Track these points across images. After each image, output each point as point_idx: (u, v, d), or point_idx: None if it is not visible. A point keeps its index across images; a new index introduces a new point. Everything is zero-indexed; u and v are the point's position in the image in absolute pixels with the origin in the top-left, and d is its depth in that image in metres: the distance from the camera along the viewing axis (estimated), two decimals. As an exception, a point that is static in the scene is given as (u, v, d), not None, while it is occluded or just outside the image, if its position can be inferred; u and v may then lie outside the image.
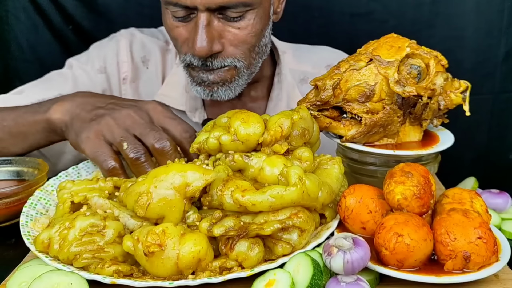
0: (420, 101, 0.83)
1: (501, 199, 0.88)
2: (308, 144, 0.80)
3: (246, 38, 1.02)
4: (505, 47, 1.52)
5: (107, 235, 0.68)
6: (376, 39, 0.87)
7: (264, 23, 1.06)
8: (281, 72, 1.23)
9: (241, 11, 0.99)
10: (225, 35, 1.01)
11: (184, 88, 1.21)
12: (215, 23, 0.99)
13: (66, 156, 1.18)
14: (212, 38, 0.99)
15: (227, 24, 1.00)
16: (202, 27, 0.97)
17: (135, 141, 0.83)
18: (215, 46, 1.00)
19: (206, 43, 0.97)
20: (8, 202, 0.86)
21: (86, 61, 1.23)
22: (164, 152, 0.82)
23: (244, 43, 1.03)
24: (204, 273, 0.65)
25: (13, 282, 0.65)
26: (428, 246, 0.66)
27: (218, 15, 0.99)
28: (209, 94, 1.07)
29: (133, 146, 0.82)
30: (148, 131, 0.83)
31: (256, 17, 1.02)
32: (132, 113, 0.85)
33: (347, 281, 0.62)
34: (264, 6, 1.04)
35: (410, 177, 0.71)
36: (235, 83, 1.07)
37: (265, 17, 1.06)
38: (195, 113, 1.22)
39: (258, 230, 0.66)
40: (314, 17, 1.53)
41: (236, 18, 1.00)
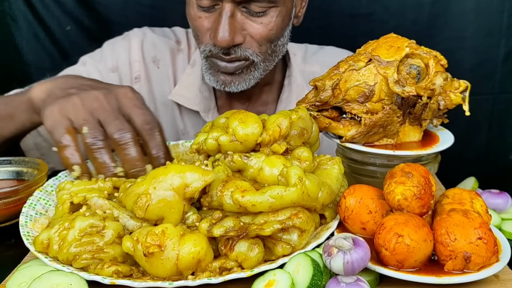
0: (419, 101, 0.83)
1: (501, 199, 0.88)
2: (308, 144, 0.80)
3: (267, 34, 1.04)
4: (505, 48, 1.52)
5: (107, 235, 0.68)
6: (375, 39, 0.87)
7: (285, 23, 1.08)
8: (291, 75, 1.25)
9: (265, 6, 1.01)
10: (247, 28, 1.03)
11: (198, 89, 1.22)
12: (238, 16, 1.01)
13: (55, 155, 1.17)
14: (235, 29, 1.01)
15: (250, 18, 1.02)
16: (226, 18, 0.99)
17: (97, 127, 0.82)
18: (236, 37, 1.02)
19: (228, 34, 0.99)
20: (8, 202, 0.86)
21: (99, 59, 1.25)
22: (121, 143, 0.81)
23: (264, 39, 1.04)
24: (204, 274, 0.65)
25: (12, 282, 0.65)
26: (428, 247, 0.66)
27: (242, 9, 1.01)
28: (221, 85, 1.09)
29: (92, 132, 0.81)
30: (112, 120, 0.82)
31: (278, 15, 1.04)
32: (101, 96, 0.84)
33: (347, 281, 0.62)
34: (287, 6, 1.06)
35: (410, 177, 0.71)
36: (250, 74, 1.08)
37: (287, 17, 1.08)
38: (208, 114, 1.23)
39: (258, 231, 0.66)
40: (314, 17, 1.53)
41: (259, 13, 1.02)
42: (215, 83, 1.09)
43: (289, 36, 1.14)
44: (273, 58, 1.12)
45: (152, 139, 0.84)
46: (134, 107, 0.85)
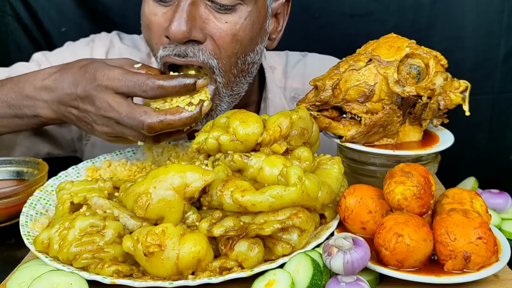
0: (419, 101, 0.83)
1: (501, 199, 0.88)
2: (308, 144, 0.80)
3: (231, 38, 0.88)
4: (505, 48, 1.52)
5: (107, 235, 0.68)
6: (376, 39, 0.87)
7: (255, 31, 0.92)
8: (267, 97, 1.13)
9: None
10: (209, 25, 0.87)
11: None
12: (201, 8, 0.86)
13: (19, 148, 1.13)
14: (194, 21, 0.85)
15: (215, 13, 0.87)
16: (185, 5, 0.84)
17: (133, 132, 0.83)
18: (195, 31, 0.85)
19: (185, 24, 0.83)
20: (8, 202, 0.86)
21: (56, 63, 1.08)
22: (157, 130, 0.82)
23: (228, 45, 0.88)
24: (204, 273, 0.65)
25: (13, 282, 0.65)
26: (428, 246, 0.66)
27: (207, 1, 0.87)
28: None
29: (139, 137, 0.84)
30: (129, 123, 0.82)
31: (248, 17, 0.89)
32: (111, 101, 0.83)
33: (347, 281, 0.62)
34: (259, 11, 0.92)
35: (410, 177, 0.71)
36: (217, 110, 0.93)
37: (258, 25, 0.93)
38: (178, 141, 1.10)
39: (258, 230, 0.66)
40: (314, 17, 1.53)
41: (226, 8, 0.87)
42: None
43: (260, 55, 0.98)
44: (240, 78, 0.95)
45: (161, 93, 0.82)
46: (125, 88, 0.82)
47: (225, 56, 0.89)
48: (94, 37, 1.21)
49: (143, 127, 0.81)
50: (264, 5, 0.94)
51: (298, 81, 1.20)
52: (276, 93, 1.15)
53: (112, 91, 0.82)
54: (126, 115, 0.82)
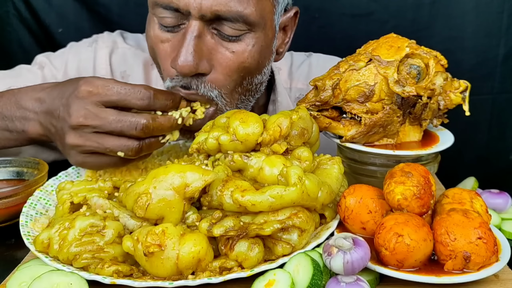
0: (419, 101, 0.83)
1: (501, 199, 0.88)
2: (308, 144, 0.80)
3: (238, 66, 0.87)
4: (505, 48, 1.53)
5: (107, 235, 0.68)
6: (376, 39, 0.87)
7: (263, 56, 0.90)
8: (277, 99, 1.12)
9: (239, 29, 0.85)
10: (215, 56, 0.86)
11: None
12: (207, 38, 0.85)
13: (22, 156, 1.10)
14: (201, 53, 0.84)
15: (221, 43, 0.86)
16: (191, 38, 0.83)
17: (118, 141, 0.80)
18: (202, 64, 0.85)
19: (192, 58, 0.82)
20: (8, 202, 0.86)
21: (59, 65, 1.13)
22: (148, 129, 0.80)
23: (235, 72, 0.87)
24: (204, 273, 0.65)
25: (13, 282, 0.65)
26: (428, 246, 0.66)
27: (212, 30, 0.85)
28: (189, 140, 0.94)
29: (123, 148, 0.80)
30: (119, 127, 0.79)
31: (256, 44, 0.87)
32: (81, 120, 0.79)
33: (347, 281, 0.62)
34: (267, 35, 0.89)
35: (410, 177, 0.71)
36: None
37: (266, 49, 0.91)
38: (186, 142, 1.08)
39: (258, 230, 0.66)
40: (314, 17, 1.53)
41: (232, 38, 0.85)
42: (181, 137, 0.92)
43: (268, 74, 0.97)
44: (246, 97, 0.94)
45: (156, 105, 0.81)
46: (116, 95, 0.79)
47: (230, 81, 0.88)
48: (97, 37, 1.18)
49: (137, 128, 0.79)
50: (272, 26, 0.91)
51: (303, 81, 1.18)
52: (284, 95, 1.14)
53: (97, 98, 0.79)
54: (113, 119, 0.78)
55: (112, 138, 0.80)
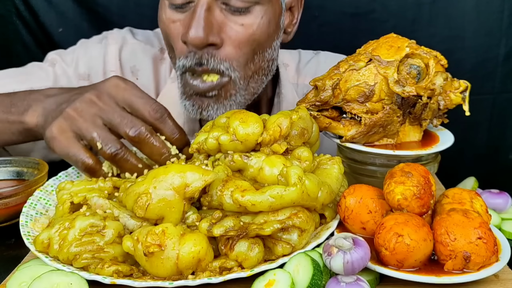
0: (419, 101, 0.83)
1: (501, 199, 0.88)
2: (308, 144, 0.80)
3: (248, 39, 0.90)
4: (505, 47, 1.53)
5: (107, 235, 0.68)
6: (376, 39, 0.87)
7: (271, 29, 0.94)
8: (281, 92, 1.15)
9: (248, 1, 0.89)
10: (225, 29, 0.90)
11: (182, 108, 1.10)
12: (216, 12, 0.89)
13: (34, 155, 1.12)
14: (210, 26, 0.88)
15: (230, 16, 0.89)
16: (201, 11, 0.86)
17: (108, 135, 0.78)
18: (212, 36, 0.88)
19: (202, 30, 0.86)
20: (8, 202, 0.86)
21: (70, 62, 1.14)
22: (141, 139, 0.78)
23: (245, 45, 0.91)
24: (204, 273, 0.65)
25: (13, 282, 0.65)
26: (428, 246, 0.66)
27: (221, 5, 0.89)
28: (198, 111, 0.96)
29: (107, 142, 0.77)
30: (119, 120, 0.78)
31: (264, 16, 0.91)
32: (94, 99, 0.79)
33: (347, 281, 0.62)
34: (275, 9, 0.93)
35: (410, 177, 0.71)
36: (231, 99, 0.95)
37: (274, 22, 0.94)
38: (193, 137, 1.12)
39: (258, 230, 0.66)
40: (314, 16, 1.53)
41: (241, 10, 0.89)
42: (190, 108, 0.96)
43: (278, 51, 1.01)
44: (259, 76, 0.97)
45: (165, 126, 0.81)
46: (134, 97, 0.80)
47: (240, 54, 0.92)
48: (106, 34, 1.20)
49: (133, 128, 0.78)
50: (278, 2, 0.96)
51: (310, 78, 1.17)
52: (289, 89, 1.16)
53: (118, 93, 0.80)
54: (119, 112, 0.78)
55: (103, 129, 0.78)
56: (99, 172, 0.80)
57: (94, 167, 0.79)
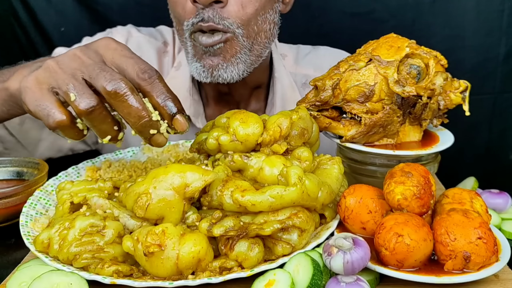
0: (419, 101, 0.83)
1: (501, 199, 0.88)
2: (308, 144, 0.80)
3: None
4: (506, 47, 1.52)
5: (107, 235, 0.68)
6: (376, 39, 0.87)
7: None
8: (274, 76, 1.19)
9: None
10: None
11: (188, 91, 1.16)
12: None
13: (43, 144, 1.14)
14: None
15: None
16: None
17: (85, 88, 0.69)
18: None
19: None
20: (8, 202, 0.86)
21: None
22: (118, 95, 0.69)
23: (248, 4, 0.98)
24: (204, 273, 0.66)
25: (13, 282, 0.65)
26: (428, 246, 0.66)
27: None
28: (209, 71, 1.00)
29: (82, 95, 0.68)
30: (98, 72, 0.69)
31: None
32: (79, 53, 0.72)
33: (347, 281, 0.62)
34: None
35: (410, 177, 0.71)
36: (238, 57, 1.01)
37: None
38: (198, 119, 1.17)
39: (258, 230, 0.66)
40: (314, 16, 1.53)
41: None
42: (201, 69, 1.00)
43: (278, 20, 1.08)
44: (262, 39, 1.04)
45: (154, 87, 0.71)
46: (122, 57, 0.73)
47: (244, 13, 0.98)
48: (110, 30, 1.24)
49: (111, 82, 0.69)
50: None
51: (309, 68, 1.25)
52: (283, 73, 1.20)
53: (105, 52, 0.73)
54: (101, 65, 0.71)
55: (80, 82, 0.70)
56: (72, 130, 0.71)
57: (66, 123, 0.70)
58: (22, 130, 1.13)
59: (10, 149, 1.13)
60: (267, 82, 1.22)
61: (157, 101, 0.72)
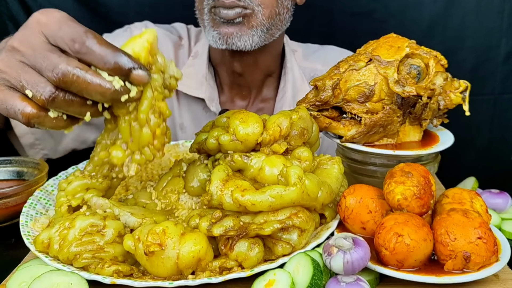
0: (419, 101, 0.83)
1: (501, 199, 0.88)
2: (308, 144, 0.80)
3: None
4: (506, 48, 1.52)
5: (107, 235, 0.68)
6: (376, 39, 0.87)
7: None
8: (286, 65, 1.27)
9: None
10: None
11: (203, 77, 1.23)
12: None
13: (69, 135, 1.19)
14: None
15: None
16: None
17: (37, 78, 0.64)
18: None
19: None
20: (8, 202, 0.86)
21: None
22: (68, 80, 0.62)
23: None
24: (204, 273, 0.66)
25: (13, 282, 0.65)
26: (428, 246, 0.66)
27: None
28: (224, 38, 1.08)
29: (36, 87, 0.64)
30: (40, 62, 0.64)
31: None
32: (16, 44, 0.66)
33: (347, 281, 0.62)
34: None
35: (410, 177, 0.71)
36: (253, 30, 1.08)
37: None
38: (212, 103, 1.23)
39: (257, 230, 0.66)
40: (315, 16, 1.53)
41: None
42: (217, 37, 1.08)
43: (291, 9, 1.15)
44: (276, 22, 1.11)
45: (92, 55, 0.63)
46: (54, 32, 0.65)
47: None
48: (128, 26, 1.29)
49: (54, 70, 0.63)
50: None
51: (318, 63, 1.32)
52: (294, 65, 1.28)
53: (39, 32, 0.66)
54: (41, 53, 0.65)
55: (32, 73, 0.65)
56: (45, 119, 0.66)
57: (35, 115, 0.65)
58: None
59: (40, 139, 1.16)
60: (279, 72, 1.29)
61: (104, 68, 0.63)
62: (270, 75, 1.28)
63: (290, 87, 1.25)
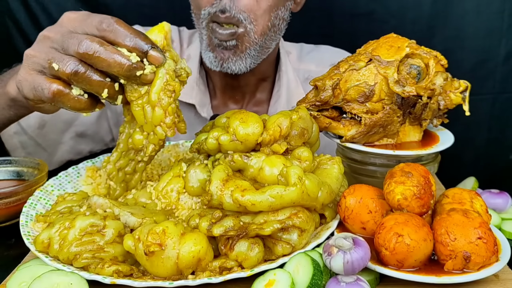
0: (419, 101, 0.83)
1: (501, 199, 0.88)
2: (308, 144, 0.80)
3: None
4: (505, 48, 1.52)
5: (107, 234, 0.68)
6: (376, 39, 0.87)
7: None
8: (281, 69, 1.26)
9: None
10: None
11: (194, 82, 1.22)
12: None
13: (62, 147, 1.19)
14: None
15: None
16: None
17: (63, 56, 0.72)
18: None
19: None
20: (8, 202, 0.86)
21: None
22: (91, 53, 0.70)
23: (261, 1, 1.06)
24: (204, 273, 0.66)
25: (13, 282, 0.65)
26: (428, 246, 0.66)
27: None
28: (219, 63, 1.10)
29: (62, 61, 0.72)
30: (67, 41, 0.72)
31: None
32: (46, 33, 0.76)
33: (347, 281, 0.62)
34: None
35: (410, 177, 0.71)
36: (247, 52, 1.10)
37: None
38: (203, 108, 1.23)
39: (257, 230, 0.66)
40: (314, 17, 1.53)
41: None
42: (213, 59, 1.10)
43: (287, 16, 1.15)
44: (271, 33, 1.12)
45: (117, 34, 0.72)
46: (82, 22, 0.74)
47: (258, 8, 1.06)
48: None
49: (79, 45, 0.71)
50: None
51: (312, 64, 1.32)
52: (289, 68, 1.28)
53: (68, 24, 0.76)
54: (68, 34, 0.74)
55: (59, 53, 0.74)
56: (69, 97, 0.73)
57: (61, 91, 0.72)
58: (42, 133, 1.18)
59: (32, 153, 1.17)
60: (273, 76, 1.29)
61: (125, 45, 0.72)
62: (265, 79, 1.27)
63: (285, 91, 1.25)
